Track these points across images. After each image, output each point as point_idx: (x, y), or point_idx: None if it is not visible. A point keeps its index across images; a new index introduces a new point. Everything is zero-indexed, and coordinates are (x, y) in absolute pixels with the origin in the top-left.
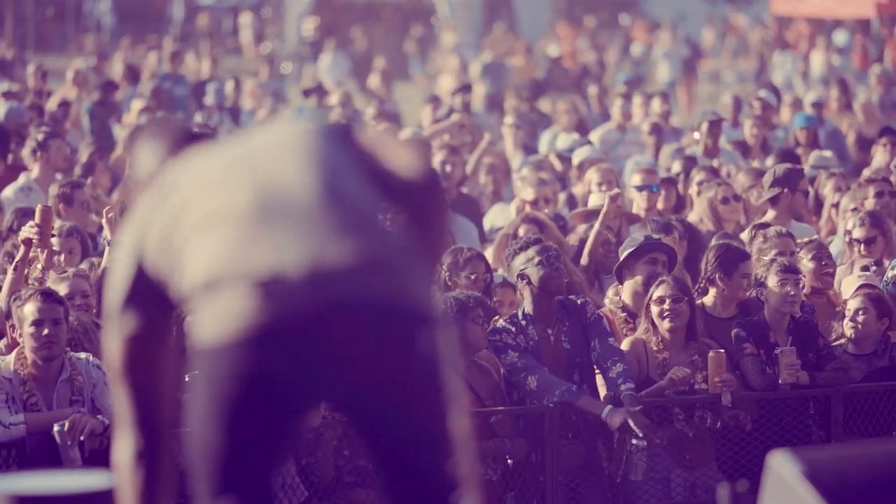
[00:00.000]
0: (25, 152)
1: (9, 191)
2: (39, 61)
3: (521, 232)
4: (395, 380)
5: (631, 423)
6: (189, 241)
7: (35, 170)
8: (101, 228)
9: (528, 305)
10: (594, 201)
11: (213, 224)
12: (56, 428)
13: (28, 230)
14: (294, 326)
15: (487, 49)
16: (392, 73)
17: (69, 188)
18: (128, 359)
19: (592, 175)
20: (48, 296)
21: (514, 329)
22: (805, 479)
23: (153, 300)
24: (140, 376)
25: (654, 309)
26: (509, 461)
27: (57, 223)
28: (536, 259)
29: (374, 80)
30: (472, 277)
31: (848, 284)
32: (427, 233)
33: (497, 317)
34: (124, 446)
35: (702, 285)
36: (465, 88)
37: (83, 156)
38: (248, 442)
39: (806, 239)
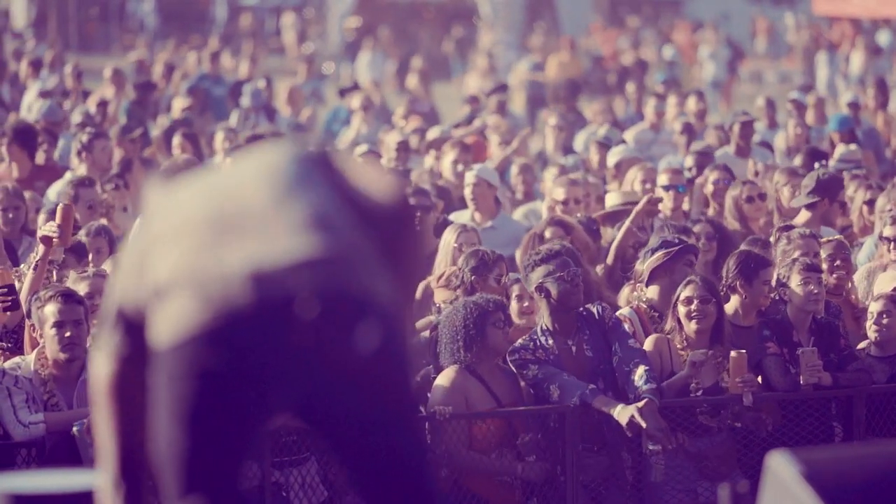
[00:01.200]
0: (57, 152)
1: (55, 188)
2: (76, 61)
3: (547, 234)
4: (347, 372)
5: (637, 417)
6: (154, 263)
7: (80, 170)
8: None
9: (546, 319)
10: (611, 201)
11: (171, 239)
12: (75, 427)
13: (47, 228)
14: (242, 323)
15: (536, 51)
16: (431, 73)
17: (74, 187)
18: (114, 385)
19: (636, 174)
20: (69, 297)
21: (532, 346)
22: (804, 479)
23: (139, 334)
24: (124, 404)
25: (682, 309)
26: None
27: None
28: (556, 274)
29: (412, 81)
30: (500, 280)
31: (882, 283)
32: (398, 261)
33: (514, 325)
34: (105, 475)
35: (723, 293)
36: (501, 88)
37: (116, 142)
38: (208, 440)
39: (825, 239)
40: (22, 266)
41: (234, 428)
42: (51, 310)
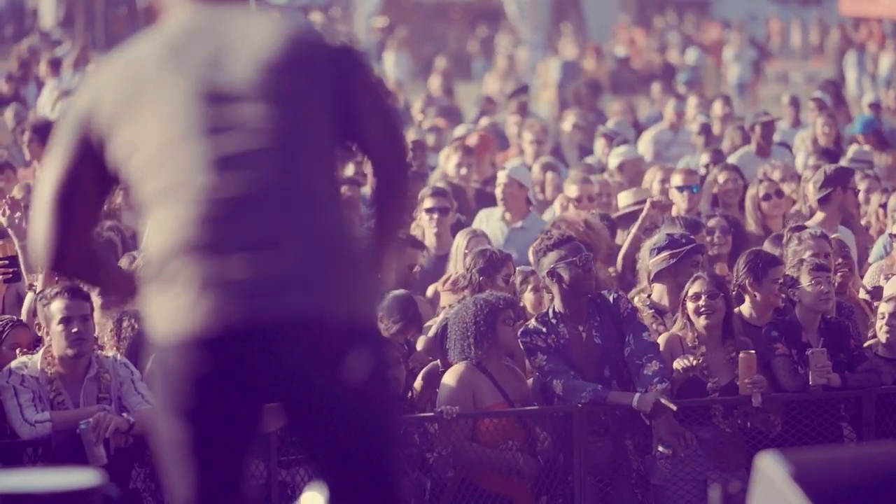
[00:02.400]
0: None
1: None
2: (98, 60)
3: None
4: (332, 396)
5: (664, 401)
6: (151, 200)
7: None
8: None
9: (557, 303)
10: (624, 201)
11: (170, 195)
12: (81, 426)
13: None
14: (234, 337)
15: (563, 52)
16: (455, 73)
17: None
18: (61, 183)
19: (656, 174)
20: (75, 292)
21: (544, 329)
22: (793, 480)
23: (94, 156)
24: (66, 204)
25: (690, 305)
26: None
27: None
28: (568, 259)
29: (434, 81)
30: (508, 279)
31: (892, 285)
32: (387, 200)
33: (526, 319)
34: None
35: (734, 292)
36: (522, 90)
37: None
38: (203, 438)
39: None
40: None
41: (227, 430)
42: (57, 306)
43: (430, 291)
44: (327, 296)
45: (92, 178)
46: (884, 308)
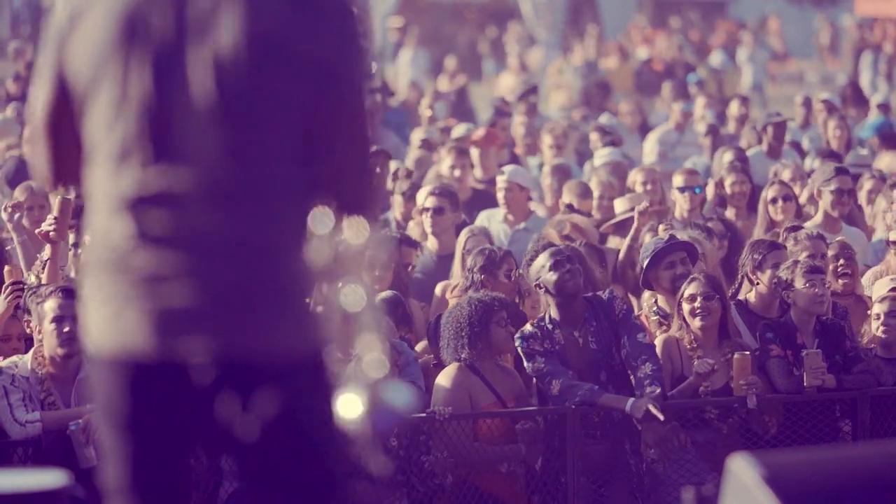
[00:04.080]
0: None
1: None
2: None
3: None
4: (251, 433)
5: (653, 409)
6: (91, 196)
7: None
8: None
9: (552, 311)
10: (620, 207)
11: (107, 208)
12: (71, 426)
13: (46, 224)
14: (147, 365)
15: (579, 52)
16: (467, 73)
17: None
18: (48, 113)
19: (636, 176)
20: (68, 292)
21: (540, 334)
22: (765, 483)
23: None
24: (57, 131)
25: (686, 307)
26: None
27: None
28: (548, 264)
29: (442, 82)
30: (511, 275)
31: (879, 286)
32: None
33: (527, 322)
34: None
35: (735, 286)
36: (532, 90)
37: None
38: (134, 449)
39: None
40: (28, 275)
41: (150, 447)
42: (50, 305)
43: (437, 291)
44: (246, 332)
45: (68, 101)
46: (878, 308)
